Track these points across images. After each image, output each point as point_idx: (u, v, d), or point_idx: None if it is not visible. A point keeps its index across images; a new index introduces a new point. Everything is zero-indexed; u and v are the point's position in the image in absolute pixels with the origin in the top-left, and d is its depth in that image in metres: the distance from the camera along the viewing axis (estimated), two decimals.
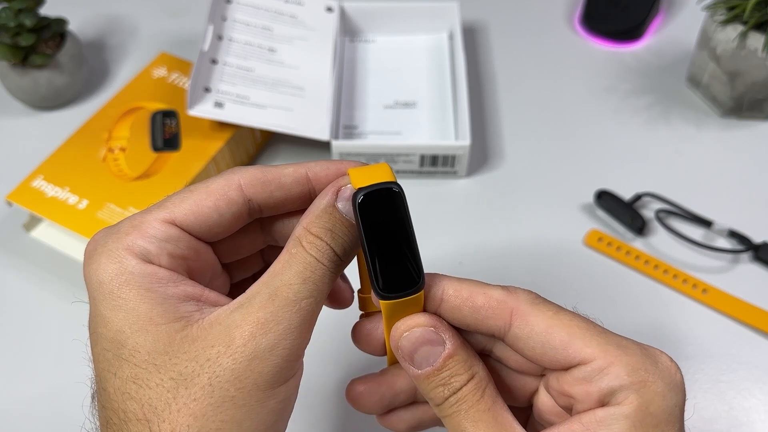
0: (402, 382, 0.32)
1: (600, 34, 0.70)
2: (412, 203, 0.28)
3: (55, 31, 0.61)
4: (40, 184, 0.53)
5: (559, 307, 0.28)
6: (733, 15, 0.57)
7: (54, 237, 0.54)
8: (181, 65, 0.62)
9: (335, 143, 0.56)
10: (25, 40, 0.58)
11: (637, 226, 0.54)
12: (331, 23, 0.64)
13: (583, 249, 0.54)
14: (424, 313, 0.28)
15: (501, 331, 0.28)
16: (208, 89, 0.56)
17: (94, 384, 0.27)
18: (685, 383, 0.27)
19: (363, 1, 0.67)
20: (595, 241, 0.54)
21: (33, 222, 0.54)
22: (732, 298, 0.50)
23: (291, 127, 0.56)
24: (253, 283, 0.27)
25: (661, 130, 0.62)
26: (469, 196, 0.58)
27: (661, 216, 0.55)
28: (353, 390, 0.32)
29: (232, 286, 0.33)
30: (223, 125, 0.57)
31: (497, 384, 0.30)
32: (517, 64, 0.68)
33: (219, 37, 0.59)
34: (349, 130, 0.60)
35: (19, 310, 0.51)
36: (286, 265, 0.27)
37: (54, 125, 0.63)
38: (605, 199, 0.55)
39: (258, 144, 0.61)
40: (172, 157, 0.55)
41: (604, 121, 0.63)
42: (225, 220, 0.29)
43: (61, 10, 0.63)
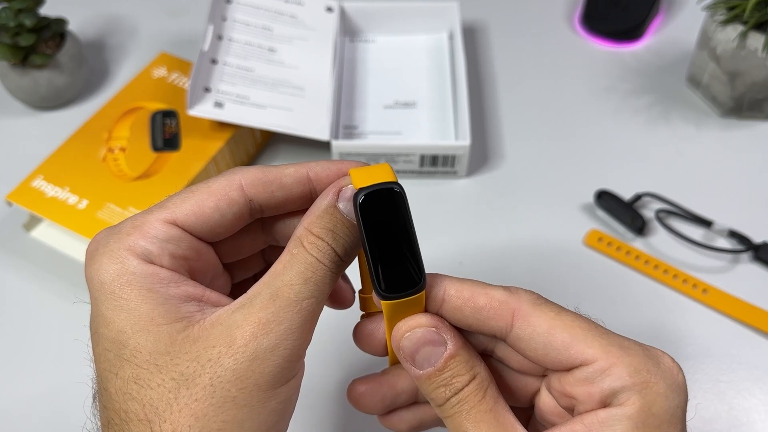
0: (403, 383, 0.32)
1: (600, 34, 0.70)
2: (412, 203, 0.28)
3: (55, 31, 0.61)
4: (40, 184, 0.53)
5: (561, 308, 0.28)
6: (733, 15, 0.57)
7: (54, 237, 0.54)
8: (181, 65, 0.62)
9: (335, 143, 0.56)
10: (25, 40, 0.58)
11: (637, 226, 0.54)
12: (331, 23, 0.64)
13: (583, 249, 0.54)
14: (426, 313, 0.28)
15: (503, 331, 0.28)
16: (208, 89, 0.56)
17: (96, 384, 0.27)
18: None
19: (363, 1, 0.67)
20: (595, 241, 0.54)
21: (33, 222, 0.54)
22: (732, 298, 0.50)
23: (291, 127, 0.56)
24: (254, 284, 0.27)
25: (661, 130, 0.62)
26: (469, 196, 0.58)
27: (661, 216, 0.55)
28: (354, 390, 0.32)
29: (233, 287, 0.33)
30: (223, 125, 0.57)
31: (499, 384, 0.30)
32: (517, 64, 0.68)
33: (219, 37, 0.59)
34: (349, 130, 0.60)
35: (19, 310, 0.51)
36: (287, 266, 0.27)
37: (54, 125, 0.63)
38: (605, 199, 0.55)
39: (258, 144, 0.61)
40: (172, 157, 0.55)
41: (604, 121, 0.63)
42: (226, 220, 0.29)
43: (61, 10, 0.63)
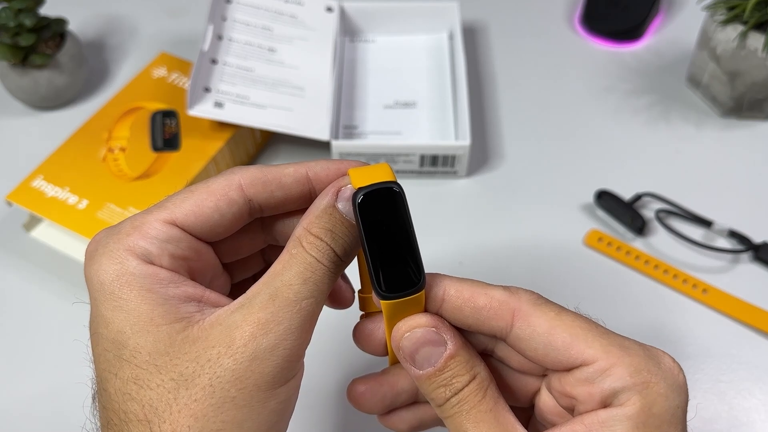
0: (403, 382, 0.32)
1: (600, 34, 0.70)
2: (412, 203, 0.28)
3: (55, 31, 0.61)
4: (40, 184, 0.53)
5: (562, 308, 0.28)
6: (733, 15, 0.57)
7: (54, 237, 0.54)
8: (181, 65, 0.62)
9: (335, 143, 0.56)
10: (25, 40, 0.58)
11: (637, 226, 0.54)
12: (331, 23, 0.64)
13: (583, 249, 0.54)
14: (426, 313, 0.28)
15: (503, 331, 0.28)
16: (208, 89, 0.56)
17: (95, 385, 0.27)
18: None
19: (363, 1, 0.67)
20: (595, 241, 0.54)
21: (33, 222, 0.54)
22: (732, 298, 0.50)
23: (291, 127, 0.56)
24: (253, 284, 0.27)
25: (661, 130, 0.62)
26: (469, 196, 0.58)
27: (661, 216, 0.55)
28: (354, 390, 0.32)
29: (232, 287, 0.33)
30: (223, 125, 0.57)
31: (498, 384, 0.30)
32: (517, 64, 0.68)
33: (219, 37, 0.59)
34: (349, 130, 0.60)
35: (19, 310, 0.51)
36: (286, 266, 0.27)
37: (54, 125, 0.63)
38: (605, 199, 0.55)
39: (258, 144, 0.61)
40: (172, 157, 0.55)
41: (604, 121, 0.63)
42: (226, 220, 0.29)
43: (61, 10, 0.63)
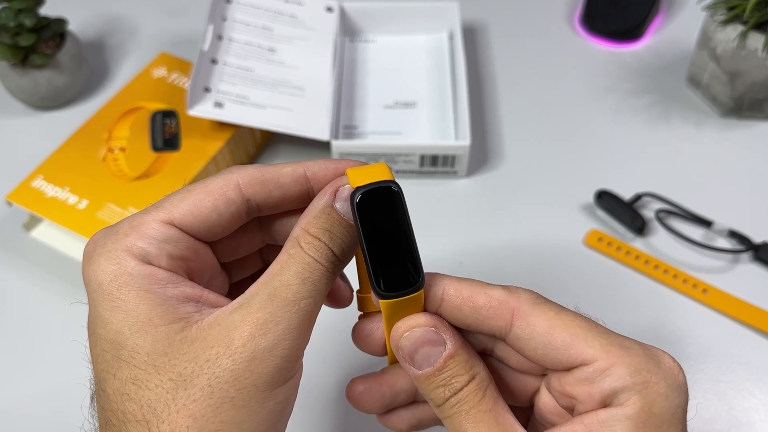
0: (402, 382, 0.32)
1: (600, 34, 0.70)
2: (412, 203, 0.28)
3: (55, 31, 0.61)
4: (40, 184, 0.53)
5: (561, 307, 0.28)
6: (733, 15, 0.57)
7: (54, 237, 0.54)
8: (181, 65, 0.62)
9: (335, 143, 0.56)
10: (25, 40, 0.58)
11: (637, 226, 0.54)
12: (331, 23, 0.64)
13: (583, 249, 0.54)
14: (425, 313, 0.28)
15: (502, 331, 0.28)
16: (208, 89, 0.56)
17: (93, 385, 0.27)
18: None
19: (363, 1, 0.67)
20: (595, 241, 0.54)
21: (33, 222, 0.54)
22: (732, 298, 0.50)
23: (291, 127, 0.56)
24: (251, 283, 0.27)
25: (661, 130, 0.62)
26: (469, 196, 0.58)
27: (661, 216, 0.55)
28: (353, 389, 0.32)
29: (231, 286, 0.33)
30: (223, 125, 0.57)
31: (498, 383, 0.29)
32: (517, 64, 0.68)
33: (219, 37, 0.59)
34: (349, 130, 0.60)
35: (19, 310, 0.51)
36: (284, 266, 0.27)
37: (54, 125, 0.63)
38: (605, 199, 0.55)
39: (258, 144, 0.61)
40: (172, 157, 0.55)
41: (604, 121, 0.63)
42: (224, 219, 0.29)
43: (61, 10, 0.63)
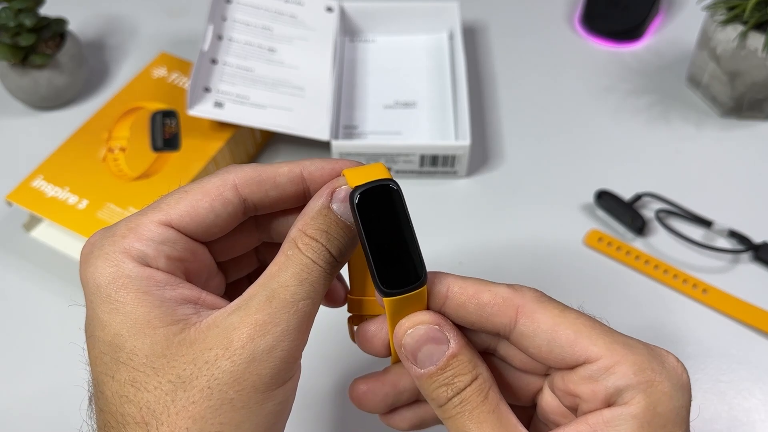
0: (405, 381, 0.31)
1: (600, 34, 0.70)
2: (411, 203, 0.28)
3: (55, 31, 0.61)
4: (40, 184, 0.53)
5: (565, 306, 0.28)
6: (733, 15, 0.57)
7: (54, 237, 0.54)
8: (181, 65, 0.62)
9: (335, 143, 0.56)
10: (25, 40, 0.58)
11: (637, 226, 0.54)
12: (331, 23, 0.64)
13: (583, 249, 0.54)
14: (429, 311, 0.28)
15: (506, 328, 0.28)
16: (208, 89, 0.56)
17: (92, 387, 0.27)
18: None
19: (363, 1, 0.67)
20: (595, 241, 0.54)
21: (33, 222, 0.54)
22: (732, 298, 0.50)
23: (291, 127, 0.56)
24: (248, 284, 0.27)
25: (661, 130, 0.62)
26: (469, 196, 0.58)
27: (661, 216, 0.55)
28: (356, 389, 0.32)
29: (227, 287, 0.33)
30: (223, 125, 0.57)
31: (500, 383, 0.29)
32: (517, 64, 0.68)
33: (219, 37, 0.59)
34: (349, 130, 0.60)
35: (19, 310, 0.51)
36: (282, 267, 0.27)
37: (54, 125, 0.63)
38: (605, 199, 0.55)
39: (258, 144, 0.61)
40: (172, 157, 0.55)
41: (604, 121, 0.63)
42: (221, 220, 0.29)
43: (61, 10, 0.63)
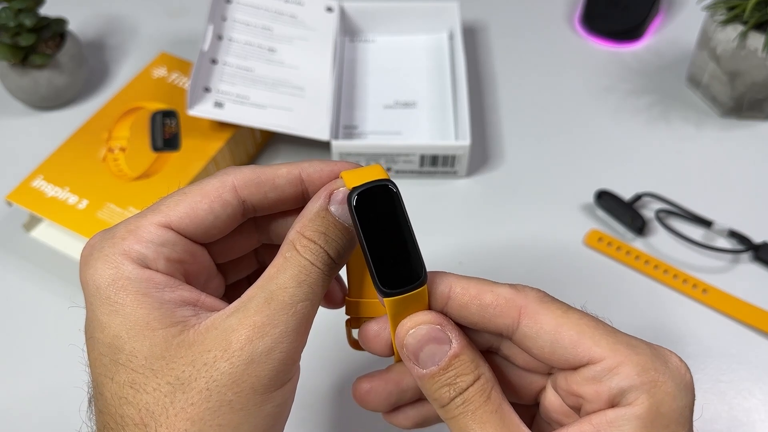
0: (408, 379, 0.31)
1: (600, 34, 0.69)
2: (411, 203, 0.28)
3: (55, 31, 0.61)
4: (40, 184, 0.53)
5: (568, 306, 0.28)
6: (733, 15, 0.57)
7: (54, 237, 0.54)
8: (181, 65, 0.62)
9: (335, 143, 0.56)
10: (25, 40, 0.58)
11: (637, 226, 0.54)
12: (331, 23, 0.64)
13: (583, 249, 0.54)
14: (430, 311, 0.28)
15: (509, 329, 0.28)
16: (208, 89, 0.56)
17: (91, 388, 0.27)
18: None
19: (363, 1, 0.67)
20: (595, 241, 0.54)
21: (33, 222, 0.54)
22: (732, 298, 0.50)
23: (291, 127, 0.56)
24: (248, 285, 0.27)
25: (661, 130, 0.62)
26: (469, 196, 0.58)
27: (661, 216, 0.55)
28: (360, 388, 0.32)
29: (226, 288, 0.33)
30: (223, 125, 0.57)
31: (503, 381, 0.29)
32: (517, 65, 0.68)
33: (219, 37, 0.59)
34: (349, 130, 0.60)
35: (19, 310, 0.51)
36: (280, 269, 0.27)
37: (54, 125, 0.63)
38: (605, 199, 0.55)
39: (258, 144, 0.61)
40: (172, 157, 0.55)
41: (604, 121, 0.63)
42: (220, 221, 0.29)
43: (61, 10, 0.63)
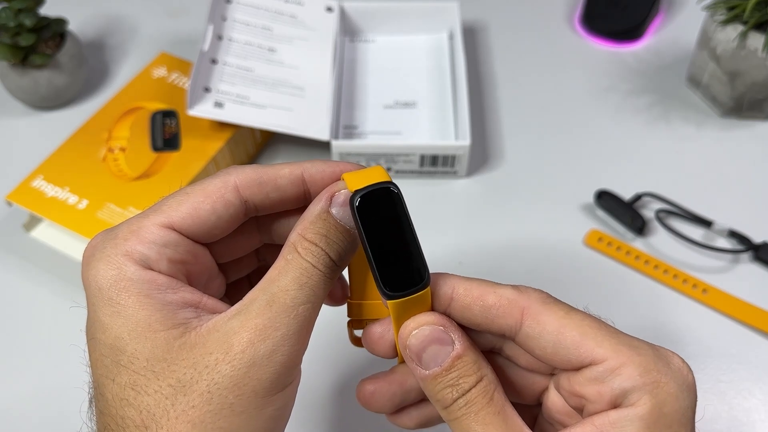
0: (412, 380, 0.31)
1: (600, 34, 0.69)
2: (412, 203, 0.28)
3: (55, 31, 0.61)
4: (40, 184, 0.53)
5: (571, 307, 0.28)
6: (733, 15, 0.57)
7: (54, 237, 0.54)
8: (181, 65, 0.62)
9: (335, 143, 0.56)
10: (25, 40, 0.58)
11: (637, 226, 0.54)
12: (331, 23, 0.64)
13: (583, 249, 0.54)
14: (433, 312, 0.28)
15: (512, 330, 0.28)
16: (208, 89, 0.56)
17: (92, 389, 0.27)
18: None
19: (363, 1, 0.67)
20: (595, 241, 0.54)
21: (33, 222, 0.54)
22: (732, 298, 0.50)
23: (291, 127, 0.56)
24: (248, 284, 0.27)
25: (661, 130, 0.62)
26: (469, 196, 0.58)
27: (661, 216, 0.55)
28: (364, 390, 0.32)
29: (228, 287, 0.33)
30: (223, 125, 0.57)
31: (505, 381, 0.29)
32: (517, 64, 0.68)
33: (219, 37, 0.59)
34: (349, 130, 0.60)
35: (19, 310, 0.51)
36: (282, 272, 0.27)
37: (54, 125, 0.63)
38: (605, 199, 0.55)
39: (258, 144, 0.61)
40: (172, 157, 0.55)
41: (604, 121, 0.63)
42: (222, 221, 0.29)
43: (61, 10, 0.63)
